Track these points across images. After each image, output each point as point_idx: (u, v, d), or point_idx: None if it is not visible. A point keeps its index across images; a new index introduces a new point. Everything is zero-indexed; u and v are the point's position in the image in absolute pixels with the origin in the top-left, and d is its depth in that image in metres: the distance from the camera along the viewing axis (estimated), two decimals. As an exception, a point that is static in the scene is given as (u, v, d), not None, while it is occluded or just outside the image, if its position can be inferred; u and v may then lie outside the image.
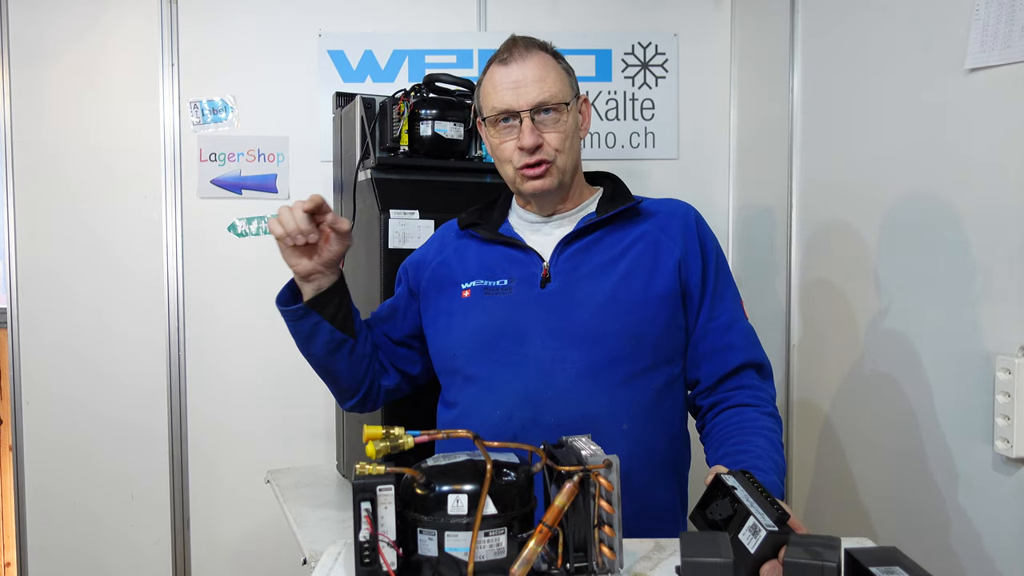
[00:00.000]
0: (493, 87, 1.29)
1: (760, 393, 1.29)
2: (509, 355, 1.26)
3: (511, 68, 1.27)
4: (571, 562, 0.90)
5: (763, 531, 0.85)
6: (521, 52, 1.27)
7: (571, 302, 1.27)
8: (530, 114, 1.25)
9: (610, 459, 0.89)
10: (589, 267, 1.29)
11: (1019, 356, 1.29)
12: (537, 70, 1.26)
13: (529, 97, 1.25)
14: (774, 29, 2.18)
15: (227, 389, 2.44)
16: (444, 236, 1.45)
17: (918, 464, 1.56)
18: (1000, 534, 1.35)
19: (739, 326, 1.32)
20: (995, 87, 1.36)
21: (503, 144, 1.29)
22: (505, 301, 1.30)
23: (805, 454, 2.06)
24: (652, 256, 1.29)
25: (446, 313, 1.35)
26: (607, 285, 1.27)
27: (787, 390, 2.11)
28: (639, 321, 1.25)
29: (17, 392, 2.39)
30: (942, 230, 1.50)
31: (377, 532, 0.86)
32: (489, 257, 1.35)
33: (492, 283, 1.32)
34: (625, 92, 2.49)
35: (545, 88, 1.26)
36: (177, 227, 2.42)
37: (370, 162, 1.87)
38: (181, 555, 2.45)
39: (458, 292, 1.34)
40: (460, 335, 1.31)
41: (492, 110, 1.29)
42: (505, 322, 1.28)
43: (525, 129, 1.25)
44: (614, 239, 1.31)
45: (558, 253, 1.31)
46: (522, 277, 1.31)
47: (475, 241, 1.38)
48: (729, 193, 2.50)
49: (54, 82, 2.37)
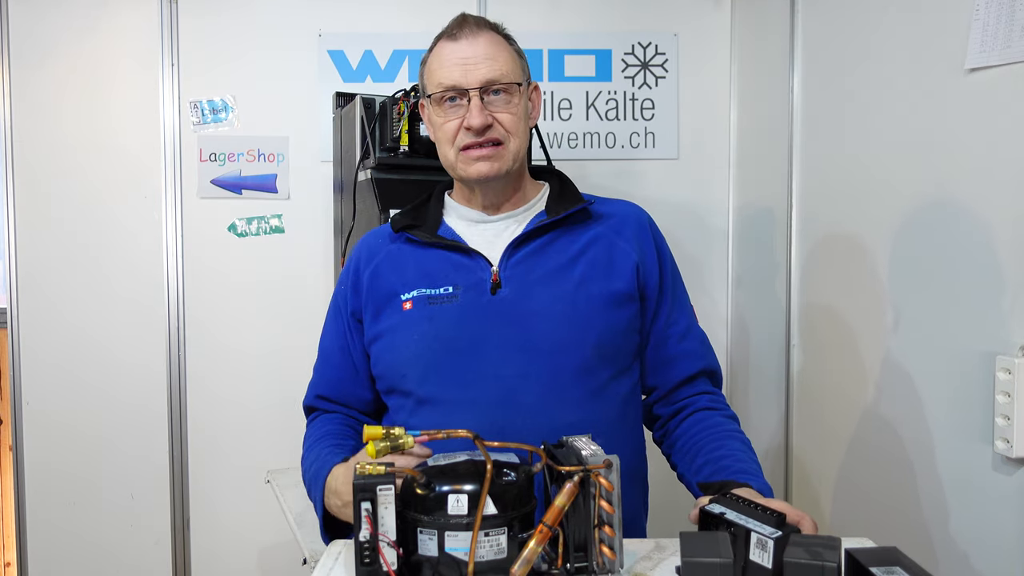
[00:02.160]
0: (440, 63, 1.19)
1: (718, 398, 1.27)
2: (466, 372, 1.16)
3: (460, 44, 1.18)
4: (571, 562, 0.90)
5: (770, 541, 0.84)
6: (472, 28, 1.19)
7: (528, 310, 1.17)
8: (479, 93, 1.16)
9: (610, 459, 0.89)
10: (543, 271, 1.20)
11: (1019, 356, 1.29)
12: (488, 47, 1.18)
13: (478, 74, 1.16)
14: (774, 29, 2.18)
15: (227, 389, 2.44)
16: (371, 245, 1.30)
17: (918, 464, 1.55)
18: (1000, 534, 1.35)
19: (695, 332, 1.29)
20: (995, 87, 1.36)
21: (447, 123, 1.19)
22: (452, 311, 1.18)
23: (805, 454, 2.06)
24: (607, 260, 1.22)
25: (388, 330, 1.22)
26: (564, 291, 1.19)
27: (787, 390, 2.11)
28: (601, 329, 1.18)
29: (17, 392, 2.39)
30: (942, 230, 1.50)
31: (377, 532, 0.86)
32: (429, 262, 1.22)
33: (435, 291, 1.20)
34: (625, 92, 2.49)
35: (496, 66, 1.17)
36: (177, 227, 2.42)
37: (370, 162, 1.87)
38: (181, 555, 2.45)
39: (398, 304, 1.21)
40: (407, 353, 1.19)
41: (438, 86, 1.18)
42: (455, 334, 1.17)
43: (473, 108, 1.16)
44: (566, 241, 1.23)
45: (507, 256, 1.21)
46: (469, 283, 1.19)
47: (411, 246, 1.25)
48: (729, 193, 2.50)
49: (54, 82, 2.37)
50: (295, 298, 2.43)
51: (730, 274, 2.52)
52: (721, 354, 2.52)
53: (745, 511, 0.90)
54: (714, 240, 2.52)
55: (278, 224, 2.44)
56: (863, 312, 1.76)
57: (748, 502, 0.91)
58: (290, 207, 2.44)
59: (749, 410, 2.38)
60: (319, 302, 2.42)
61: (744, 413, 2.42)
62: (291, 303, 2.44)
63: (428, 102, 1.23)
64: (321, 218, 2.41)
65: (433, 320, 1.18)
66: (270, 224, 2.44)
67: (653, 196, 2.48)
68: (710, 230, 2.51)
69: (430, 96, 1.21)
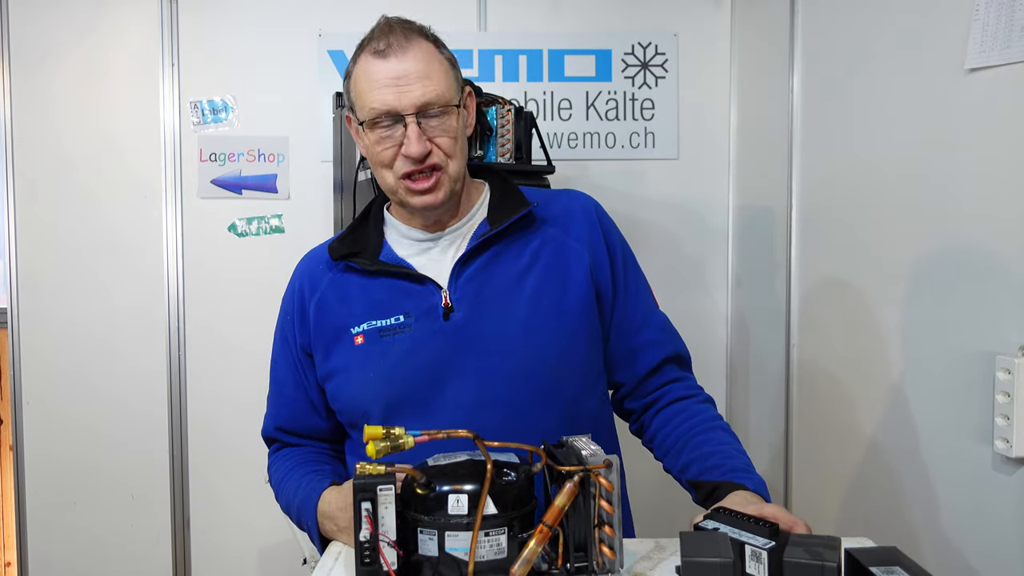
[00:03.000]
0: (369, 84, 1.10)
1: (688, 382, 1.23)
2: (429, 405, 1.11)
3: (389, 61, 1.09)
4: (571, 562, 0.90)
5: (764, 552, 0.85)
6: (400, 41, 1.09)
7: (483, 334, 1.12)
8: (415, 117, 1.08)
9: (610, 459, 0.89)
10: (493, 289, 1.14)
11: (1019, 356, 1.29)
12: (420, 63, 1.09)
13: (413, 96, 1.08)
14: (774, 29, 2.18)
15: (227, 389, 2.44)
16: (311, 272, 1.24)
17: (918, 464, 1.55)
18: (1000, 534, 1.35)
19: (654, 320, 1.23)
20: (995, 87, 1.36)
21: (384, 151, 1.11)
22: (406, 341, 1.12)
23: (805, 454, 2.06)
24: (561, 266, 1.17)
25: (342, 369, 1.16)
26: (519, 309, 1.13)
27: (787, 390, 2.11)
28: (561, 346, 1.13)
29: (17, 392, 2.39)
30: (942, 230, 1.50)
31: (377, 532, 0.86)
32: (375, 291, 1.16)
33: (386, 322, 1.14)
34: (625, 92, 2.48)
35: (431, 86, 1.09)
36: (177, 227, 2.42)
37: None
38: (181, 555, 2.45)
39: (349, 339, 1.15)
40: (365, 393, 1.14)
41: (370, 112, 1.10)
42: (413, 369, 1.12)
43: (412, 135, 1.08)
44: (514, 251, 1.16)
45: (455, 276, 1.15)
46: (420, 311, 1.14)
47: (354, 275, 1.19)
48: (729, 193, 2.50)
49: (54, 82, 2.37)
50: (295, 298, 2.43)
51: (730, 274, 2.52)
52: (721, 354, 2.53)
53: (738, 524, 0.90)
54: (714, 240, 2.52)
55: (278, 224, 2.44)
56: (863, 312, 1.76)
57: (741, 515, 0.91)
58: (290, 207, 2.44)
59: (749, 410, 2.38)
60: (319, 302, 2.42)
61: (744, 413, 2.42)
62: (291, 303, 2.43)
63: (359, 126, 1.14)
64: (321, 218, 2.42)
65: (387, 354, 1.13)
66: (270, 224, 2.44)
67: (653, 196, 2.48)
68: (710, 230, 2.51)
69: (362, 123, 1.13)
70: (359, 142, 1.17)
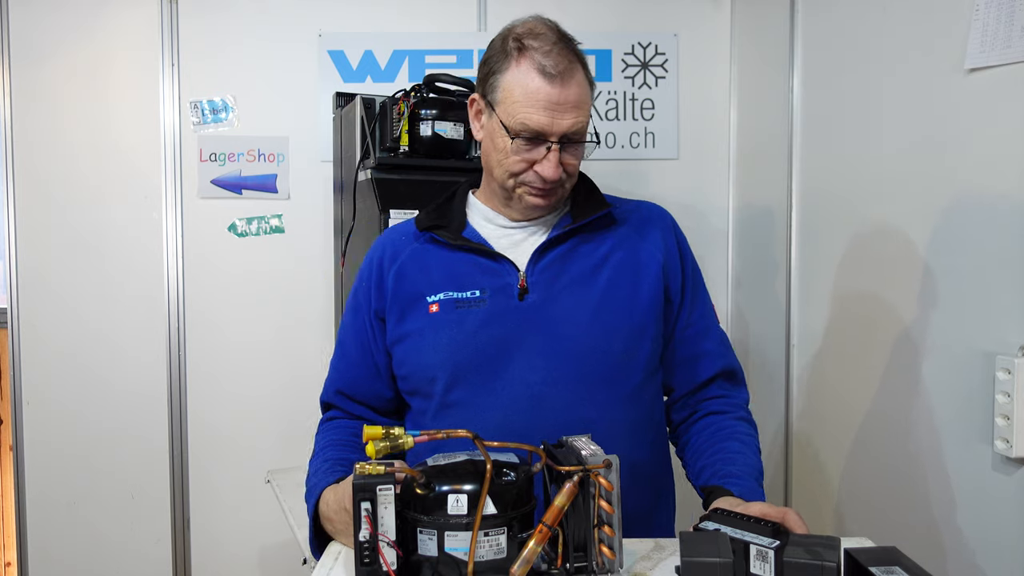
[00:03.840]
0: (527, 98, 1.12)
1: (732, 399, 1.27)
2: (494, 378, 1.16)
3: (554, 87, 1.12)
4: (571, 562, 0.90)
5: (770, 551, 0.84)
6: (566, 66, 1.13)
7: (556, 316, 1.17)
8: (559, 144, 1.13)
9: (610, 459, 0.89)
10: (569, 277, 1.19)
11: (1019, 356, 1.29)
12: (578, 93, 1.14)
13: (564, 124, 1.13)
14: (774, 29, 2.18)
15: (227, 389, 2.44)
16: (394, 242, 1.28)
17: (918, 464, 1.55)
18: (1000, 534, 1.35)
19: (714, 333, 1.28)
20: (995, 87, 1.36)
21: (517, 161, 1.15)
22: (480, 315, 1.17)
23: (805, 454, 2.06)
24: (634, 265, 1.22)
25: (415, 332, 1.20)
26: (591, 297, 1.18)
27: (787, 390, 2.11)
28: (629, 335, 1.18)
29: (17, 392, 2.39)
30: (942, 230, 1.50)
31: (377, 532, 0.86)
32: (455, 265, 1.21)
33: (462, 295, 1.19)
34: (625, 92, 2.49)
35: (581, 116, 1.14)
36: (177, 227, 2.42)
37: (370, 162, 1.87)
38: (181, 555, 2.45)
39: (424, 306, 1.19)
40: (435, 357, 1.18)
41: (520, 125, 1.13)
42: (484, 339, 1.16)
43: (552, 160, 1.13)
44: (591, 246, 1.22)
45: (534, 261, 1.20)
46: (496, 288, 1.18)
47: (435, 247, 1.23)
48: (729, 193, 2.50)
49: (54, 82, 2.37)
50: (295, 298, 2.43)
51: (730, 274, 2.52)
52: (721, 354, 2.52)
53: (740, 524, 0.90)
54: (714, 240, 2.52)
55: (278, 224, 2.44)
56: (863, 312, 1.76)
57: (741, 515, 0.91)
58: (290, 207, 2.44)
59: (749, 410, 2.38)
60: (319, 302, 2.42)
61: (744, 413, 2.42)
62: (291, 303, 2.44)
63: (492, 114, 1.17)
64: (321, 218, 2.42)
65: (461, 324, 1.17)
66: (270, 224, 2.44)
67: (653, 196, 2.47)
68: (710, 230, 2.51)
69: (507, 127, 1.14)
70: (476, 124, 1.22)
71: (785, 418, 2.12)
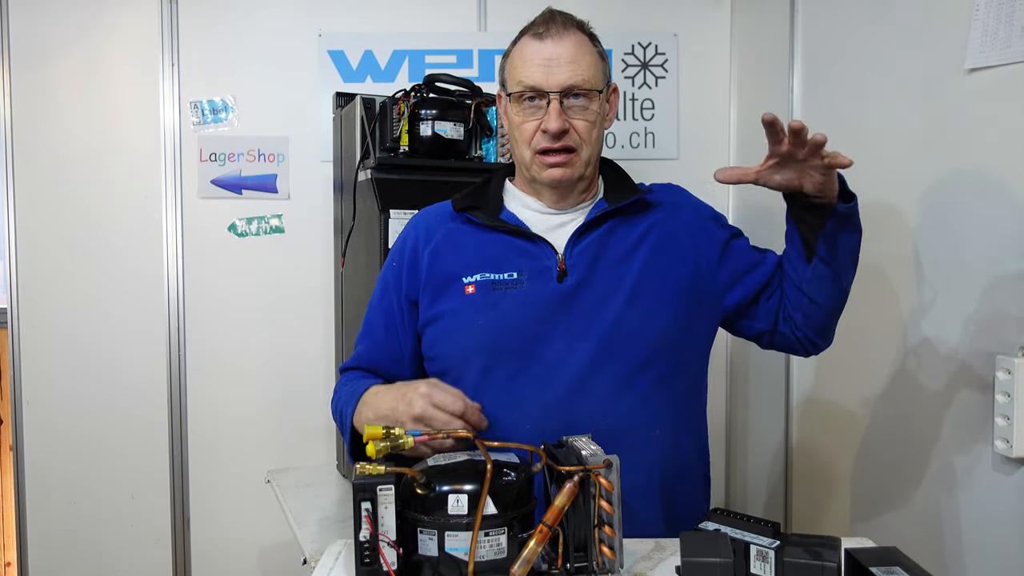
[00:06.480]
0: (523, 60, 1.18)
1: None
2: (532, 362, 1.16)
3: (545, 44, 1.17)
4: (571, 562, 0.90)
5: (770, 551, 0.85)
6: (558, 28, 1.17)
7: (594, 299, 1.17)
8: (559, 96, 1.16)
9: (610, 459, 0.89)
10: (607, 260, 1.20)
11: (1019, 356, 1.29)
12: (572, 50, 1.17)
13: (560, 78, 1.16)
14: (774, 29, 2.18)
15: (227, 389, 2.44)
16: (428, 222, 1.28)
17: (918, 464, 1.55)
18: (1000, 534, 1.35)
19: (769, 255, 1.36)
20: (995, 87, 1.36)
21: (524, 124, 1.19)
22: (518, 296, 1.17)
23: (805, 454, 2.06)
24: (668, 247, 1.23)
25: (449, 313, 1.20)
26: (629, 280, 1.19)
27: (787, 390, 2.11)
28: (665, 318, 1.19)
29: (17, 392, 2.39)
30: (942, 230, 1.50)
31: (377, 532, 0.86)
32: (491, 247, 1.21)
33: (499, 276, 1.18)
34: (625, 92, 2.48)
35: (578, 71, 1.17)
36: (177, 227, 2.42)
37: (370, 162, 1.87)
38: (181, 554, 2.45)
39: (459, 287, 1.19)
40: (471, 339, 1.18)
41: (518, 84, 1.18)
42: (522, 322, 1.16)
43: (552, 112, 1.15)
44: (627, 228, 1.23)
45: (572, 244, 1.20)
46: (535, 270, 1.18)
47: (471, 227, 1.24)
48: (729, 193, 2.50)
49: (54, 82, 2.37)
50: (295, 298, 2.43)
51: (730, 274, 2.52)
52: (721, 354, 2.52)
53: (740, 525, 0.90)
54: (714, 240, 2.51)
55: (278, 224, 2.44)
56: (863, 312, 1.76)
57: (741, 516, 0.91)
58: (290, 207, 2.44)
59: (749, 410, 2.38)
60: (319, 302, 2.42)
61: (744, 413, 2.42)
62: (291, 303, 2.44)
63: (506, 97, 1.23)
64: (321, 218, 2.41)
65: (498, 306, 1.17)
66: (270, 224, 2.44)
67: (653, 196, 2.48)
68: (710, 230, 2.51)
69: (509, 94, 1.21)
70: (504, 120, 1.25)
71: (785, 418, 2.12)
